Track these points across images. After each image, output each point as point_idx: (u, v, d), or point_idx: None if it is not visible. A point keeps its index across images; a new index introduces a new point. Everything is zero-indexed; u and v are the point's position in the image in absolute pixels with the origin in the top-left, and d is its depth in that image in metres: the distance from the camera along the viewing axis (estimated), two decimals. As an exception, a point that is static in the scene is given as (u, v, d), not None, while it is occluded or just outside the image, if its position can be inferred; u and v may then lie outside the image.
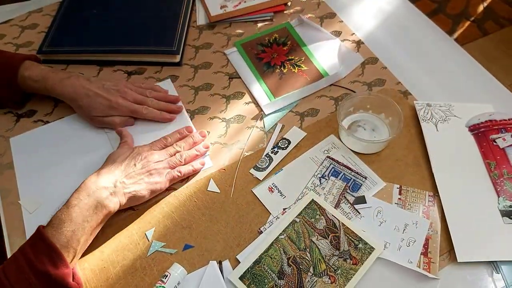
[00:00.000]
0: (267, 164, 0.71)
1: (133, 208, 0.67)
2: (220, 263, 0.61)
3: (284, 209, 0.66)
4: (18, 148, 0.74)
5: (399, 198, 0.67)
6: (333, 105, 0.78)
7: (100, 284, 0.60)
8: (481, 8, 2.08)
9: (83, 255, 0.63)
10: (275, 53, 0.86)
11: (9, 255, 0.63)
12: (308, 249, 0.62)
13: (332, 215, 0.65)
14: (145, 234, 0.65)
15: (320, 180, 0.69)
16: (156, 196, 0.68)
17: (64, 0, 0.93)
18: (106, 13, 0.90)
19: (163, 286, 0.58)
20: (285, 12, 0.94)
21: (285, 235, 0.63)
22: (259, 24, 0.92)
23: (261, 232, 0.64)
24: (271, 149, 0.72)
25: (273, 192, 0.68)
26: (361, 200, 0.66)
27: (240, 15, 0.92)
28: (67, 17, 0.89)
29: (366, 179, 0.69)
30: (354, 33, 0.89)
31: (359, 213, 0.65)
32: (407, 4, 0.95)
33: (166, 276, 0.59)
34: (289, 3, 0.94)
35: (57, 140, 0.75)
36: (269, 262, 0.61)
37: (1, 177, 0.71)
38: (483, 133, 0.72)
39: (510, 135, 0.71)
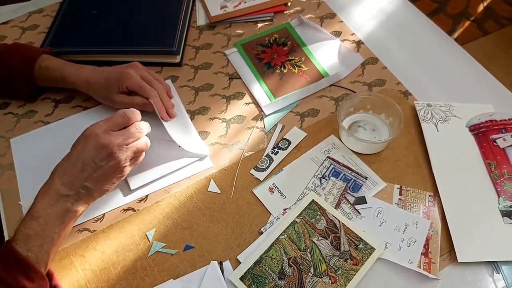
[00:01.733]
0: (267, 164, 0.71)
1: (133, 209, 0.67)
2: (221, 263, 0.62)
3: (284, 209, 0.66)
4: (18, 149, 0.74)
5: (400, 199, 0.67)
6: (333, 106, 0.78)
7: (101, 285, 0.60)
8: (481, 7, 2.08)
9: (84, 255, 0.63)
10: (275, 54, 0.86)
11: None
12: (308, 250, 0.62)
13: (333, 216, 0.65)
14: (146, 234, 0.65)
15: (320, 180, 0.69)
16: (157, 197, 0.68)
17: (65, 0, 0.93)
18: (106, 13, 0.90)
19: None
20: (285, 12, 0.94)
21: (285, 235, 0.63)
22: (259, 25, 0.92)
23: (261, 233, 0.64)
24: (272, 149, 0.73)
25: (273, 192, 0.68)
26: (362, 200, 0.66)
27: (240, 16, 0.92)
28: (67, 18, 0.89)
29: (366, 179, 0.69)
30: (354, 33, 0.89)
31: (360, 213, 0.65)
32: (407, 4, 0.95)
33: None
34: (289, 4, 0.94)
35: (58, 140, 0.75)
36: (270, 263, 0.61)
37: (1, 178, 0.71)
38: (483, 133, 0.72)
39: (511, 135, 0.71)
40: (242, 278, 0.60)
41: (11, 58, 0.75)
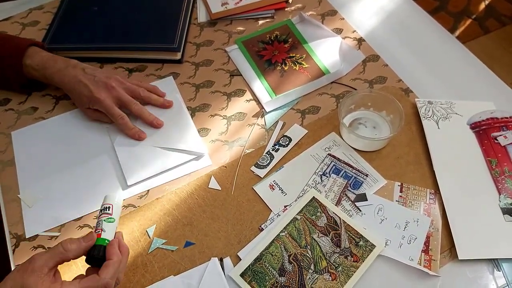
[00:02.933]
0: (268, 161, 0.71)
1: (134, 205, 0.67)
2: (221, 260, 0.62)
3: (285, 206, 0.66)
4: (19, 142, 0.74)
5: (400, 196, 0.67)
6: (334, 103, 0.78)
7: (101, 281, 0.60)
8: (482, 6, 2.08)
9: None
10: (276, 51, 0.86)
11: (10, 252, 0.64)
12: (309, 247, 0.62)
13: (333, 213, 0.65)
14: (146, 231, 0.65)
15: (321, 177, 0.69)
16: (157, 194, 0.69)
17: (65, -3, 0.93)
18: (107, 10, 0.90)
19: (112, 218, 0.57)
20: (286, 9, 0.93)
21: (286, 232, 0.63)
22: (260, 22, 0.92)
23: (262, 229, 0.64)
24: (272, 146, 0.72)
25: (274, 189, 0.68)
26: (362, 197, 0.66)
27: (241, 12, 0.92)
28: (68, 14, 0.89)
29: (367, 176, 0.69)
30: (355, 31, 0.89)
31: (360, 210, 0.65)
32: (409, 2, 0.95)
33: (109, 207, 0.58)
34: (290, 0, 0.94)
35: (58, 134, 0.75)
36: (270, 259, 0.61)
37: (2, 173, 0.71)
38: (484, 130, 0.72)
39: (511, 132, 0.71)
40: (242, 275, 0.60)
41: (1, 50, 0.74)
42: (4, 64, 0.74)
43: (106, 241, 0.56)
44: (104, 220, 0.57)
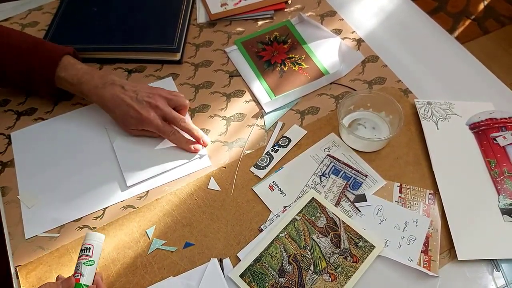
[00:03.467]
0: (267, 162, 0.71)
1: (133, 206, 0.67)
2: (220, 260, 0.62)
3: (284, 207, 0.66)
4: (19, 143, 0.74)
5: (400, 196, 0.67)
6: (333, 103, 0.78)
7: (100, 282, 0.60)
8: (481, 6, 2.08)
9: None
10: (276, 51, 0.86)
11: (9, 253, 0.64)
12: (308, 247, 0.62)
13: (333, 213, 0.65)
14: (146, 232, 0.65)
15: (320, 178, 0.69)
16: (157, 195, 0.69)
17: (64, -2, 0.93)
18: (106, 11, 0.90)
19: (92, 260, 0.56)
20: (285, 10, 0.93)
21: (285, 233, 0.63)
22: (260, 22, 0.92)
23: (261, 230, 0.64)
24: (272, 147, 0.73)
25: (273, 190, 0.68)
26: (362, 198, 0.67)
27: (240, 13, 0.92)
28: (67, 15, 0.89)
29: (366, 177, 0.69)
30: (354, 31, 0.89)
31: (360, 211, 0.65)
32: (408, 2, 0.95)
33: (89, 249, 0.56)
34: (289, 1, 0.94)
35: (57, 135, 0.75)
36: (270, 260, 0.61)
37: (1, 174, 0.71)
38: (483, 131, 0.72)
39: (511, 133, 0.71)
40: (242, 276, 0.60)
41: (32, 62, 0.71)
42: (36, 75, 0.71)
43: (84, 286, 0.55)
44: (84, 263, 0.56)
